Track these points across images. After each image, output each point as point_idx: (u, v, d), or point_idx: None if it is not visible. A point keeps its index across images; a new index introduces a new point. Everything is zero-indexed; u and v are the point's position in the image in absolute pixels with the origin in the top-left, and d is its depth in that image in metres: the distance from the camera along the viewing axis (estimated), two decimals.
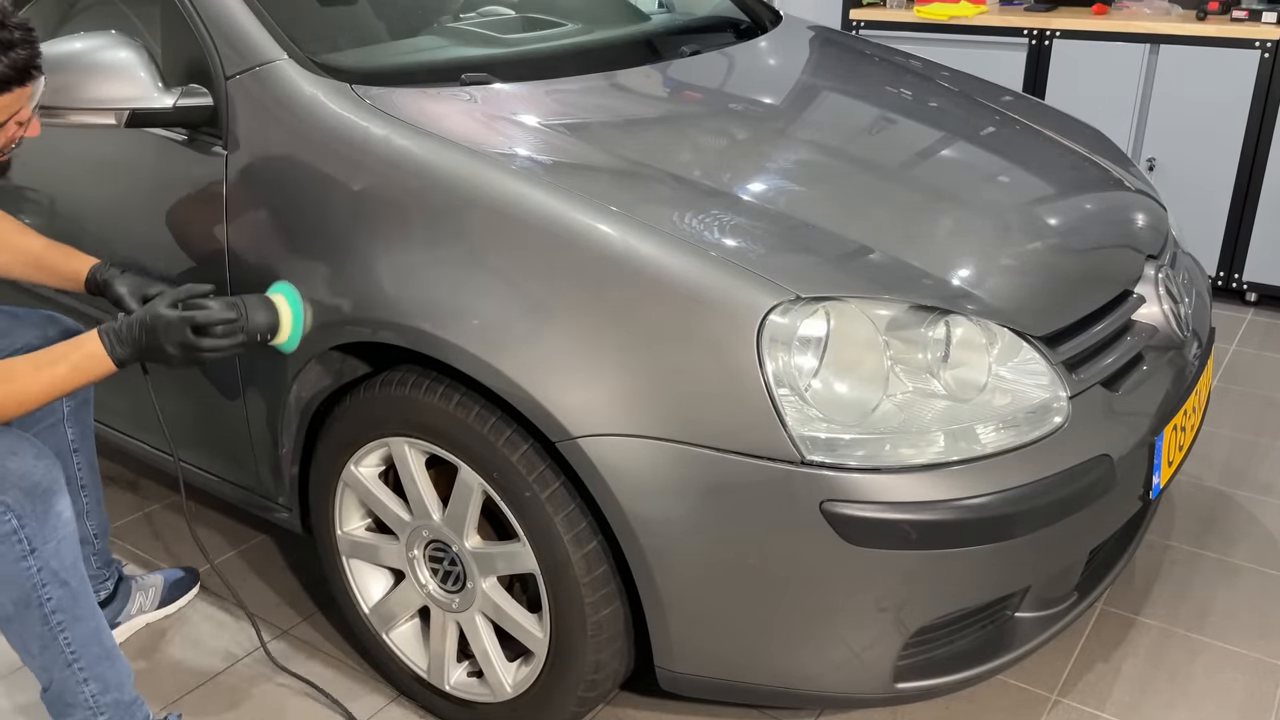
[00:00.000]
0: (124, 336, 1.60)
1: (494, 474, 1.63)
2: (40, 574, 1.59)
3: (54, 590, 1.61)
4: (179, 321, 1.60)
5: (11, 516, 1.55)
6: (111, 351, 1.59)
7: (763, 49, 2.47)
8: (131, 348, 1.60)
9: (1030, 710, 1.95)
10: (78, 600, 1.65)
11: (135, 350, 1.61)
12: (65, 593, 1.63)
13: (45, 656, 1.66)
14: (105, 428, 2.35)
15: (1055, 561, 1.70)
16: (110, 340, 1.60)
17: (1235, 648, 2.11)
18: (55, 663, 1.66)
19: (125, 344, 1.60)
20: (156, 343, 1.60)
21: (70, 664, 1.67)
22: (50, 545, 1.59)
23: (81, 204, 2.09)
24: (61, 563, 1.61)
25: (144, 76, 1.77)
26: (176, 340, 1.60)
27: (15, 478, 1.56)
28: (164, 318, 1.60)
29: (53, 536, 1.59)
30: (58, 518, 1.60)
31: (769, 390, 1.48)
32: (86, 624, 1.67)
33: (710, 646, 1.62)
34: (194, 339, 1.61)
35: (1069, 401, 1.63)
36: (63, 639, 1.65)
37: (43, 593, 1.60)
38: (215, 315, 1.62)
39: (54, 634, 1.64)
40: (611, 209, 1.60)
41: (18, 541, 1.56)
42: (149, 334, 1.60)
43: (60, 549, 1.61)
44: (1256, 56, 3.56)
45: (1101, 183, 2.15)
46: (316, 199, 1.75)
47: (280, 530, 2.50)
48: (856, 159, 1.97)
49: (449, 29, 2.34)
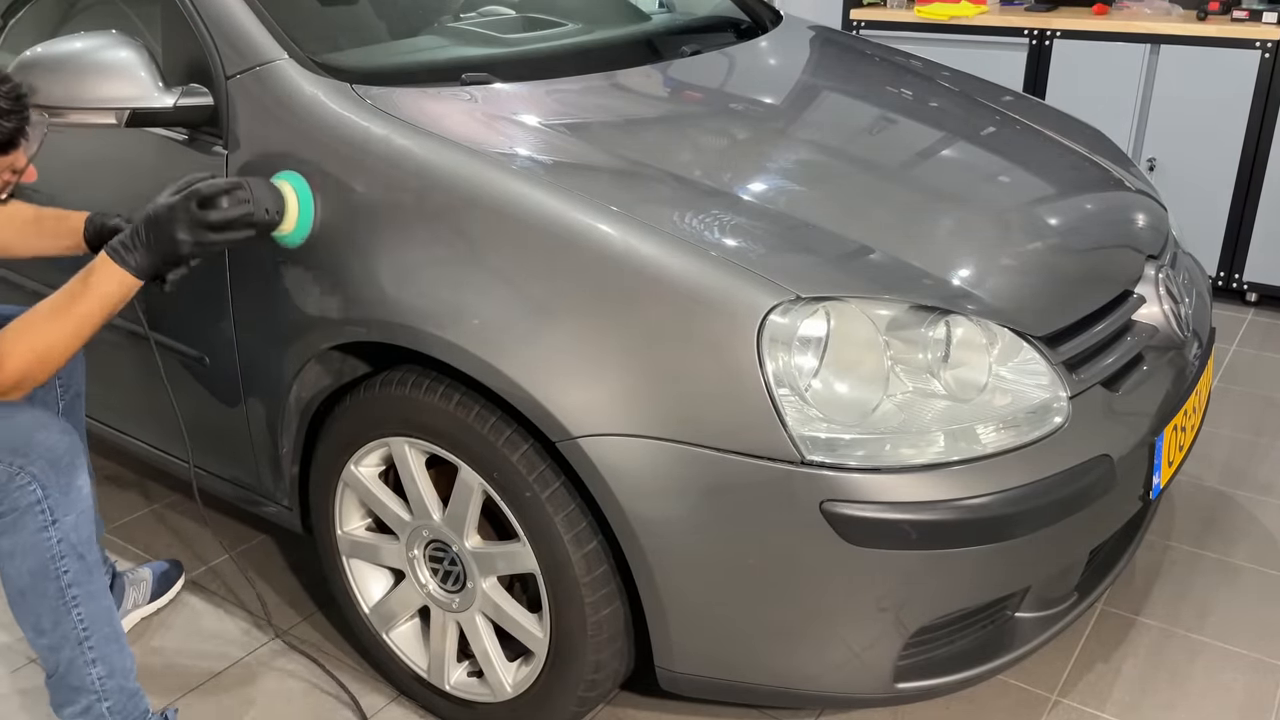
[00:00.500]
0: (131, 243, 1.57)
1: (494, 474, 1.63)
2: (60, 545, 1.61)
3: (71, 563, 1.63)
4: (183, 199, 1.56)
5: (36, 486, 1.57)
6: (124, 263, 1.56)
7: (763, 49, 2.47)
8: (143, 250, 1.56)
9: (1030, 710, 1.95)
10: (92, 576, 1.66)
11: (147, 253, 1.57)
12: (81, 566, 1.64)
13: (56, 633, 1.66)
14: (102, 426, 2.35)
15: (1055, 562, 1.70)
16: (119, 253, 1.56)
17: (1235, 648, 2.11)
18: (66, 640, 1.67)
19: (135, 250, 1.56)
20: (166, 233, 1.56)
21: (81, 641, 1.67)
22: (70, 518, 1.61)
23: (82, 204, 2.09)
24: (80, 536, 1.63)
25: (144, 76, 1.77)
26: (185, 220, 1.56)
27: (42, 449, 1.58)
28: (166, 203, 1.57)
29: (73, 509, 1.61)
30: (79, 491, 1.62)
31: (769, 390, 1.48)
32: (99, 601, 1.68)
33: (710, 646, 1.62)
34: (202, 213, 1.57)
35: (1069, 401, 1.63)
36: (76, 614, 1.66)
37: (60, 565, 1.62)
38: (219, 184, 1.59)
39: (68, 608, 1.65)
40: (612, 209, 1.60)
41: (41, 512, 1.58)
42: (155, 227, 1.56)
43: (79, 522, 1.63)
44: (1257, 56, 3.56)
45: (1102, 183, 2.15)
46: (316, 198, 1.75)
47: (280, 530, 2.50)
48: (857, 159, 1.97)
49: (449, 29, 2.34)
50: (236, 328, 1.90)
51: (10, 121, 1.49)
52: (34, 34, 2.30)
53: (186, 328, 2.00)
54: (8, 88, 1.49)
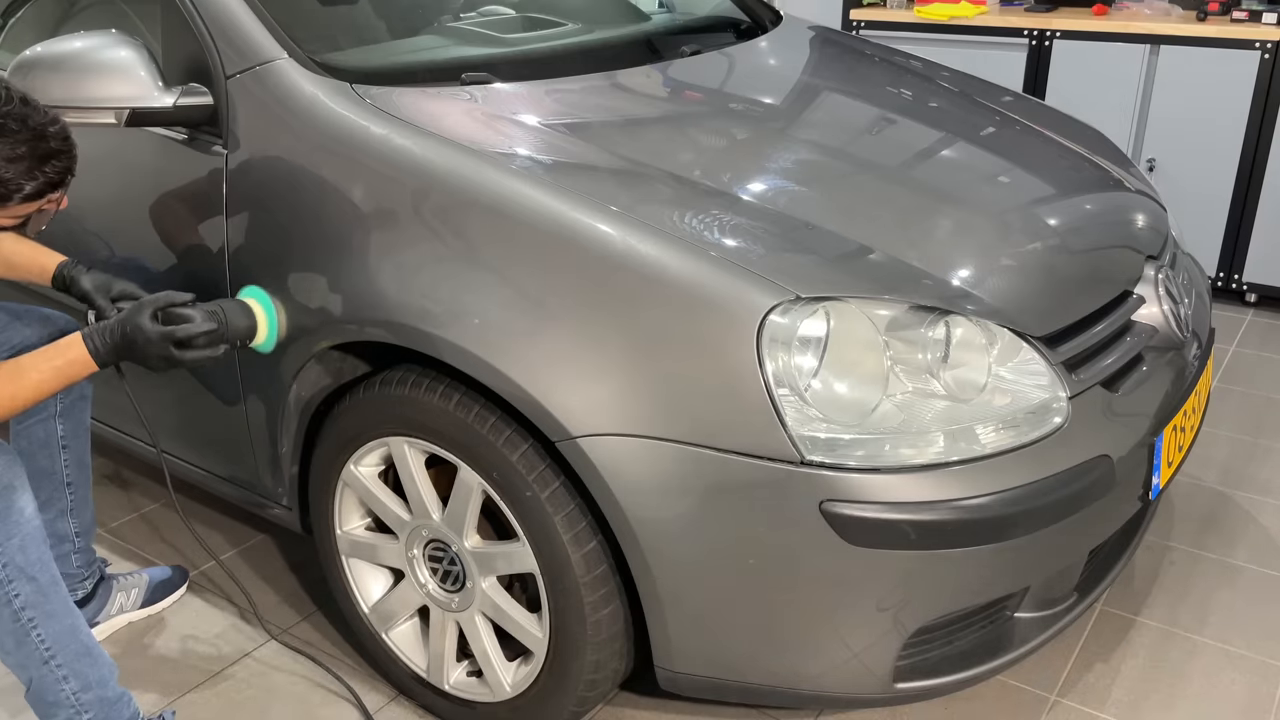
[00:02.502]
0: (106, 342, 1.63)
1: (494, 473, 1.63)
2: (5, 570, 1.60)
3: (21, 586, 1.62)
4: (160, 339, 1.63)
5: None
6: (95, 355, 1.63)
7: (763, 49, 2.47)
8: (113, 352, 1.64)
9: (1030, 710, 1.95)
10: (47, 597, 1.65)
11: (115, 355, 1.64)
12: (33, 589, 1.63)
13: (20, 654, 1.67)
14: (104, 426, 2.35)
15: (1055, 562, 1.70)
16: (93, 344, 1.63)
17: (1235, 648, 2.11)
18: (31, 660, 1.67)
19: (107, 349, 1.63)
20: (139, 354, 1.63)
21: (46, 661, 1.67)
22: (14, 541, 1.60)
23: (82, 203, 2.09)
24: (27, 559, 1.62)
25: (144, 75, 1.77)
26: (158, 354, 1.63)
27: None
28: (145, 332, 1.62)
29: (15, 533, 1.61)
30: (19, 514, 1.62)
31: (769, 390, 1.48)
32: (60, 621, 1.67)
33: (709, 646, 1.62)
34: (176, 353, 1.64)
35: (1069, 402, 1.63)
36: (35, 636, 1.65)
37: (9, 589, 1.61)
38: (197, 329, 1.65)
39: (25, 631, 1.65)
40: (612, 209, 1.60)
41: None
42: (130, 344, 1.63)
43: (25, 545, 1.62)
44: (1256, 57, 3.56)
45: (1101, 183, 2.15)
46: (316, 198, 1.75)
47: (280, 530, 2.50)
48: (857, 159, 1.97)
49: (449, 28, 2.34)
50: None
51: (62, 161, 1.53)
52: (34, 34, 2.30)
53: None
54: (57, 129, 1.52)
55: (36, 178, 1.49)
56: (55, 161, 1.51)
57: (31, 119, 1.48)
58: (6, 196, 1.49)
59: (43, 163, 1.49)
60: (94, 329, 1.64)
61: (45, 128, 1.49)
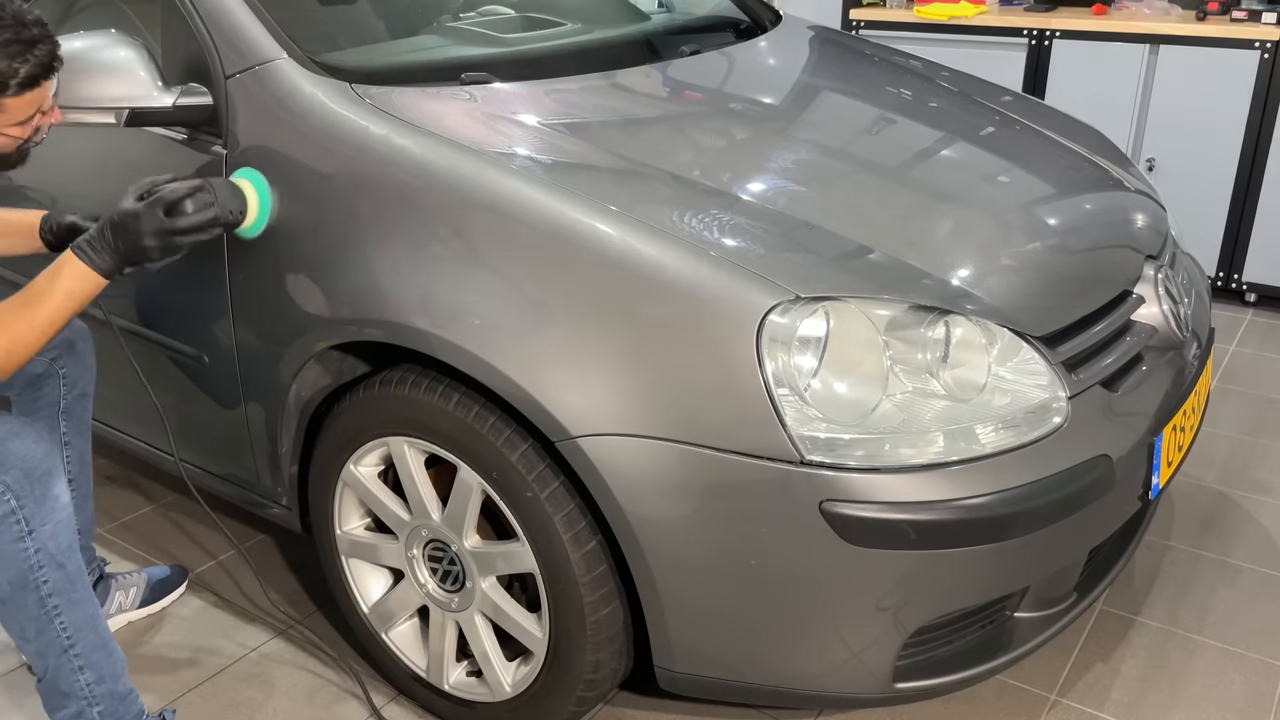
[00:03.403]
0: (98, 244, 1.59)
1: (493, 473, 1.63)
2: (37, 555, 1.60)
3: (50, 573, 1.62)
4: (148, 208, 1.59)
5: (10, 497, 1.57)
6: (91, 263, 1.59)
7: (762, 49, 2.47)
8: (110, 252, 1.59)
9: (1030, 710, 1.95)
10: (74, 585, 1.66)
11: (114, 254, 1.60)
12: (61, 576, 1.64)
13: (41, 641, 1.66)
14: (104, 426, 2.35)
15: (1054, 562, 1.70)
16: (86, 253, 1.59)
17: (1235, 648, 2.11)
18: (51, 648, 1.67)
19: (102, 251, 1.59)
20: (133, 238, 1.59)
21: (66, 649, 1.67)
22: (48, 528, 1.60)
23: (81, 203, 2.09)
24: (58, 545, 1.62)
25: (144, 75, 1.77)
26: (152, 228, 1.59)
27: (17, 459, 1.58)
28: (133, 210, 1.59)
29: (50, 519, 1.61)
30: (55, 501, 1.62)
31: (768, 390, 1.48)
32: (82, 609, 1.68)
33: (709, 646, 1.62)
34: (169, 221, 1.60)
35: (1068, 401, 1.63)
36: (58, 623, 1.65)
37: (39, 574, 1.61)
38: (183, 189, 1.61)
39: (50, 617, 1.65)
40: (611, 208, 1.60)
41: (16, 522, 1.58)
42: (122, 232, 1.59)
43: (57, 532, 1.62)
44: (1256, 57, 3.56)
45: (1101, 183, 2.15)
46: (316, 198, 1.75)
47: (280, 530, 2.50)
48: (856, 159, 1.97)
49: (449, 28, 2.33)
50: (236, 327, 1.90)
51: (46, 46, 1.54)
52: None
53: (186, 327, 2.00)
54: (34, 17, 1.54)
55: (28, 60, 1.51)
56: (41, 46, 1.53)
57: (8, 7, 1.52)
58: (3, 86, 1.51)
59: (30, 47, 1.52)
60: (82, 239, 1.60)
61: (24, 15, 1.53)
